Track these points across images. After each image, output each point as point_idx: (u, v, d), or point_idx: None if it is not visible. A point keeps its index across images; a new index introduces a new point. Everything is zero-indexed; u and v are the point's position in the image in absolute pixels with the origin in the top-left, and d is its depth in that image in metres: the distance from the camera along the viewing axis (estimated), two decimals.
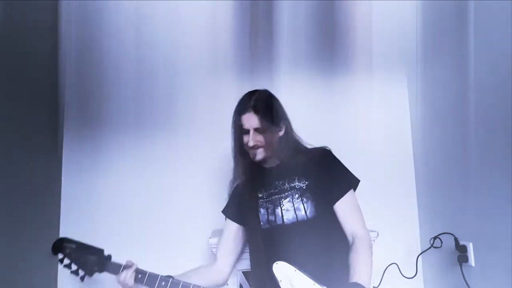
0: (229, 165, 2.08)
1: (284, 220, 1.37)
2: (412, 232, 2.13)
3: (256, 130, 1.40)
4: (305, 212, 1.36)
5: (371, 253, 1.32)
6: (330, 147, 1.50)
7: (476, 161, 1.66)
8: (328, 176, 1.41)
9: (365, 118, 2.20)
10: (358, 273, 1.24)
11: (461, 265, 1.68)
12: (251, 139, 1.39)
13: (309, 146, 1.51)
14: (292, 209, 1.37)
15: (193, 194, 2.07)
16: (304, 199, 1.37)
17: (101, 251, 1.40)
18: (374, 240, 1.61)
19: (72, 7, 2.12)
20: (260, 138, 1.40)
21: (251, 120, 1.40)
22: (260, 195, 1.44)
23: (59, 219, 1.99)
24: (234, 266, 1.54)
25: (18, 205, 1.66)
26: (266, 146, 1.41)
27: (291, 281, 1.25)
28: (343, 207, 1.39)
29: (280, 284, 1.25)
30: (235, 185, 1.54)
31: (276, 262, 1.27)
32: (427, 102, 2.10)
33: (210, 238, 1.75)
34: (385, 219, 1.92)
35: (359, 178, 1.45)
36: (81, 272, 1.38)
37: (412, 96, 2.25)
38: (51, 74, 2.03)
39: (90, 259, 1.37)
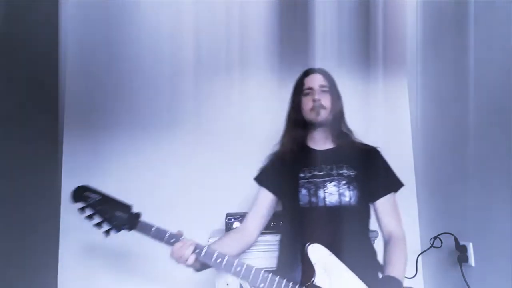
0: (230, 166, 2.10)
1: (326, 202, 1.35)
2: (412, 232, 2.13)
3: (321, 87, 1.43)
4: (350, 199, 1.36)
5: (407, 253, 1.34)
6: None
7: (476, 161, 1.66)
8: (376, 173, 1.43)
9: (365, 118, 2.20)
10: (393, 268, 1.26)
11: (461, 265, 1.68)
12: (317, 95, 1.41)
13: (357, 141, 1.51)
14: (336, 193, 1.36)
15: (193, 194, 2.07)
16: (351, 187, 1.37)
17: (129, 207, 1.31)
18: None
19: (72, 7, 2.12)
20: (324, 97, 1.42)
21: (316, 79, 1.45)
22: (302, 175, 1.41)
23: (59, 219, 1.99)
24: (260, 231, 1.51)
25: (18, 205, 1.66)
26: (329, 108, 1.42)
27: (325, 264, 1.22)
28: (384, 205, 1.41)
29: (314, 266, 1.22)
30: (273, 155, 1.53)
31: (312, 244, 1.24)
32: (427, 102, 2.10)
33: (210, 238, 1.75)
34: None
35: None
36: (105, 226, 1.29)
37: (412, 96, 2.25)
38: (52, 74, 2.03)
39: (118, 214, 1.28)
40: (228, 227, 1.74)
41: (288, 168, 1.44)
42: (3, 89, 1.57)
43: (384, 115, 2.22)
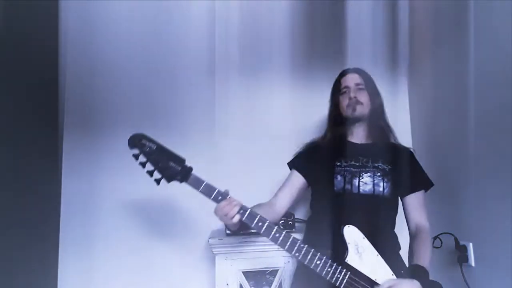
0: (229, 166, 2.10)
1: (361, 190, 1.43)
2: None
3: (357, 85, 1.52)
4: (383, 190, 1.43)
5: (431, 244, 1.46)
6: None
7: (476, 161, 1.66)
8: (409, 170, 1.50)
9: None
10: (421, 258, 1.34)
11: (461, 265, 1.68)
12: (352, 92, 1.50)
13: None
14: (371, 183, 1.43)
15: (193, 194, 2.05)
16: (385, 179, 1.45)
17: (183, 160, 1.30)
18: None
19: (72, 8, 2.12)
20: (360, 94, 1.50)
21: (352, 78, 1.54)
22: (339, 164, 1.48)
23: (59, 219, 1.99)
24: (287, 209, 1.58)
25: (18, 205, 1.66)
26: (366, 104, 1.50)
27: (358, 246, 1.30)
28: (413, 200, 1.51)
29: (348, 245, 1.30)
30: (310, 144, 1.60)
31: (348, 225, 1.31)
32: (427, 102, 2.09)
33: (210, 238, 1.75)
34: None
35: None
36: (157, 175, 1.29)
37: (412, 96, 2.25)
38: (51, 74, 2.02)
39: (172, 165, 1.28)
40: (228, 227, 1.74)
41: (325, 157, 1.50)
42: (3, 89, 1.57)
43: None
